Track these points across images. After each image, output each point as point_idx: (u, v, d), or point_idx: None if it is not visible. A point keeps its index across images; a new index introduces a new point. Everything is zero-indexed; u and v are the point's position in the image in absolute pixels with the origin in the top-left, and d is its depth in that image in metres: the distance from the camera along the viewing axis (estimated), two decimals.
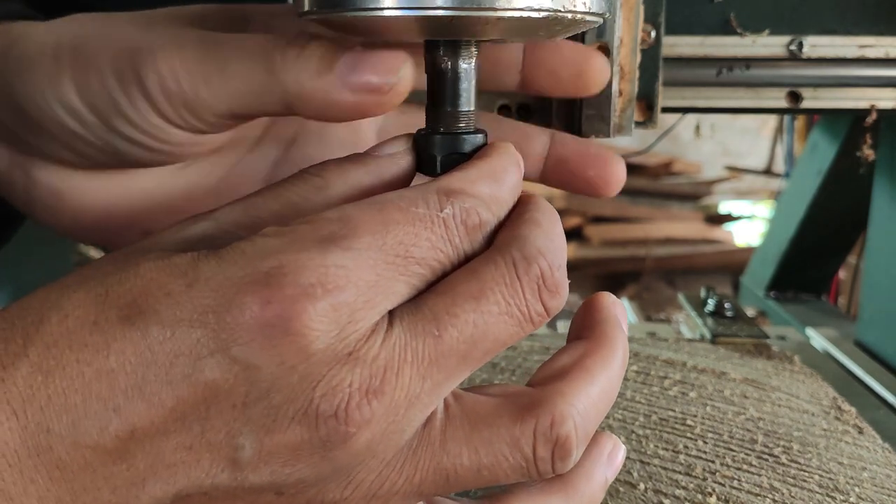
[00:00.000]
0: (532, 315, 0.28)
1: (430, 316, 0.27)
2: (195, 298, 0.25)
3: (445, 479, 0.29)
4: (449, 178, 0.29)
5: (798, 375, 0.63)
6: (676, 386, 0.57)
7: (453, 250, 0.28)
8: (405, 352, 0.27)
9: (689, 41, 0.55)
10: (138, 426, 0.25)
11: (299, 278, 0.25)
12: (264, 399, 0.25)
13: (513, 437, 0.28)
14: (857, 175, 0.79)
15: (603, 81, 0.38)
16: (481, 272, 0.28)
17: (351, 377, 0.26)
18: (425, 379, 0.27)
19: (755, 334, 0.70)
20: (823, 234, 0.96)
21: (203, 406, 0.25)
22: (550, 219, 0.30)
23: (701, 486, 0.45)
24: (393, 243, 0.27)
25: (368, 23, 0.29)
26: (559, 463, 0.29)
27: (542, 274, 0.28)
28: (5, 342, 0.26)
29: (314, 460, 0.26)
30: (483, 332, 0.28)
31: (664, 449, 0.49)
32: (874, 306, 0.76)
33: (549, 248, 0.29)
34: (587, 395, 0.30)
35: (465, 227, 0.28)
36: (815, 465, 0.48)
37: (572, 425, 0.29)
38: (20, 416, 0.25)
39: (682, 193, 3.23)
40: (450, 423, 0.29)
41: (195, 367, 0.25)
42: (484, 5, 0.28)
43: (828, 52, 0.55)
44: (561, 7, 0.29)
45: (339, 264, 0.25)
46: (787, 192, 1.08)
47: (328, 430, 0.26)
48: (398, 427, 0.27)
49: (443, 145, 0.32)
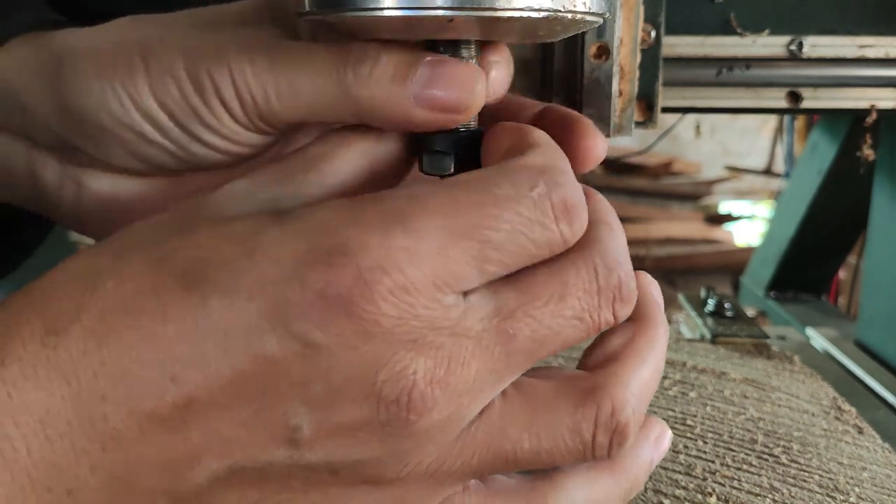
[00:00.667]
0: (601, 322, 0.28)
1: (507, 313, 0.27)
2: (255, 268, 0.25)
3: (504, 462, 0.28)
4: (530, 154, 0.27)
5: (798, 375, 0.63)
6: (676, 386, 0.57)
7: (544, 236, 0.26)
8: (475, 347, 0.26)
9: (689, 41, 0.55)
10: (195, 396, 0.24)
11: (361, 259, 0.24)
12: (324, 379, 0.25)
13: (574, 423, 0.28)
14: (857, 175, 0.79)
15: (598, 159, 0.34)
16: (563, 275, 0.27)
17: (415, 364, 0.25)
18: (491, 373, 0.27)
19: (755, 334, 0.70)
20: (823, 234, 0.96)
21: (261, 381, 0.25)
22: (618, 221, 0.30)
23: (701, 486, 0.45)
24: (465, 226, 0.25)
25: (368, 23, 0.29)
26: (616, 448, 0.29)
27: (620, 284, 0.28)
28: (57, 308, 0.25)
29: (372, 442, 0.26)
30: (554, 335, 0.27)
31: None
32: (874, 306, 0.76)
33: (625, 256, 0.29)
34: (640, 378, 0.30)
35: (565, 207, 0.27)
36: (815, 465, 0.48)
37: (630, 411, 0.29)
38: (72, 384, 0.24)
39: (682, 193, 3.24)
40: (510, 408, 0.28)
41: (254, 339, 0.24)
42: (484, 5, 0.28)
43: (828, 52, 0.55)
44: (561, 7, 0.29)
45: (402, 246, 0.25)
46: (787, 192, 1.08)
47: (389, 415, 0.25)
48: (459, 415, 0.27)
49: (442, 142, 0.31)
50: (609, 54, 0.43)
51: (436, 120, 0.30)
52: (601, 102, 0.44)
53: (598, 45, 0.43)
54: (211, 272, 0.25)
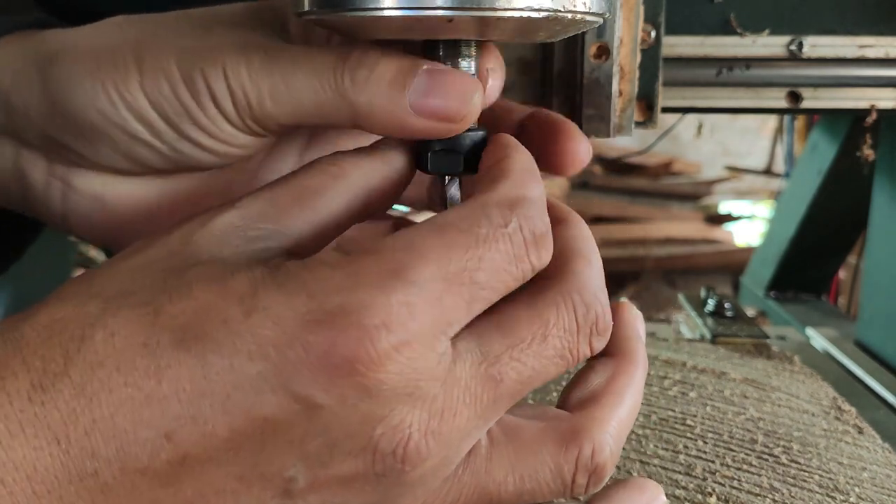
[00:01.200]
0: (579, 356, 0.29)
1: (493, 359, 0.27)
2: (255, 329, 0.24)
3: (488, 502, 0.29)
4: (502, 186, 0.28)
5: (798, 375, 0.63)
6: (676, 386, 0.57)
7: (517, 269, 0.27)
8: (465, 394, 0.27)
9: (689, 41, 0.55)
10: (191, 454, 0.24)
11: (364, 318, 0.24)
12: (322, 435, 0.25)
13: (556, 466, 0.29)
14: (857, 175, 0.79)
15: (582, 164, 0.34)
16: (545, 314, 0.28)
17: (411, 417, 0.26)
18: (480, 418, 0.27)
19: (755, 334, 0.70)
20: (823, 234, 0.96)
21: (259, 439, 0.25)
22: (595, 250, 0.30)
23: (701, 486, 0.45)
24: (456, 270, 0.26)
25: (368, 23, 0.29)
26: (593, 487, 0.30)
27: (597, 319, 0.29)
28: (43, 361, 0.24)
29: (365, 491, 0.26)
30: (538, 374, 0.28)
31: (664, 449, 0.49)
32: (874, 306, 0.76)
33: (602, 289, 0.29)
34: (619, 419, 0.30)
35: (527, 241, 0.27)
36: (815, 465, 0.48)
37: (609, 452, 0.30)
38: (62, 441, 0.24)
39: (682, 193, 3.23)
40: (495, 450, 0.29)
41: (254, 401, 0.24)
42: (484, 5, 0.28)
43: (828, 52, 0.55)
44: (561, 7, 0.29)
45: (402, 301, 0.25)
46: (787, 192, 1.08)
47: (385, 467, 0.26)
48: (449, 460, 0.27)
49: (442, 143, 0.31)
50: (609, 54, 0.43)
51: (433, 128, 0.30)
52: (601, 102, 0.44)
53: (598, 45, 0.43)
54: (208, 331, 0.25)
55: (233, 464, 0.25)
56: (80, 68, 0.32)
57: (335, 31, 0.31)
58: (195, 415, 0.24)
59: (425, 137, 0.31)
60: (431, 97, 0.29)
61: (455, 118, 0.30)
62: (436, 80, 0.30)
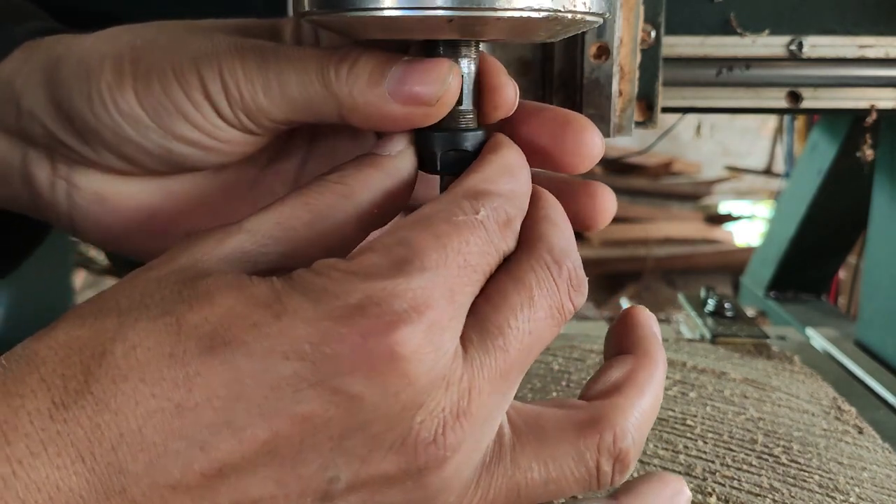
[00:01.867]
0: (566, 313, 0.29)
1: (496, 331, 0.27)
2: (287, 330, 0.24)
3: (517, 494, 0.29)
4: (469, 180, 0.29)
5: (798, 375, 0.63)
6: (676, 386, 0.57)
7: (495, 251, 0.28)
8: (482, 369, 0.27)
9: (689, 41, 0.55)
10: (227, 462, 0.24)
11: (393, 305, 0.25)
12: (363, 429, 0.25)
13: (578, 452, 0.29)
14: (857, 175, 0.79)
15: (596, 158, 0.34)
16: (526, 280, 0.28)
17: (445, 401, 0.26)
18: (498, 393, 0.27)
19: (755, 334, 0.70)
20: (823, 234, 0.96)
21: (298, 439, 0.24)
22: (563, 215, 0.31)
23: (701, 486, 0.45)
24: (453, 255, 0.27)
25: (368, 23, 0.29)
26: (618, 476, 0.30)
27: (570, 274, 0.29)
28: (63, 379, 0.24)
29: (406, 487, 0.26)
30: (537, 338, 0.28)
31: (664, 449, 0.49)
32: (874, 306, 0.76)
33: (570, 247, 0.30)
34: (641, 409, 0.31)
35: (499, 226, 0.29)
36: (815, 465, 0.48)
37: (631, 440, 0.30)
38: (87, 459, 0.23)
39: (682, 193, 3.23)
40: (518, 439, 0.29)
41: (292, 399, 0.24)
42: (484, 5, 0.28)
43: (828, 52, 0.55)
44: (561, 7, 0.29)
45: (421, 286, 0.25)
46: (787, 192, 1.08)
47: (427, 456, 0.26)
48: (478, 445, 0.27)
49: (443, 142, 0.32)
50: (609, 54, 0.44)
51: (412, 114, 0.31)
52: (601, 102, 0.44)
53: (598, 45, 0.43)
54: (237, 335, 0.24)
55: (271, 467, 0.25)
56: (80, 71, 0.33)
57: (335, 31, 0.32)
58: (230, 420, 0.24)
59: (406, 126, 0.31)
60: (407, 83, 0.30)
61: (430, 101, 0.30)
62: (411, 66, 0.31)
